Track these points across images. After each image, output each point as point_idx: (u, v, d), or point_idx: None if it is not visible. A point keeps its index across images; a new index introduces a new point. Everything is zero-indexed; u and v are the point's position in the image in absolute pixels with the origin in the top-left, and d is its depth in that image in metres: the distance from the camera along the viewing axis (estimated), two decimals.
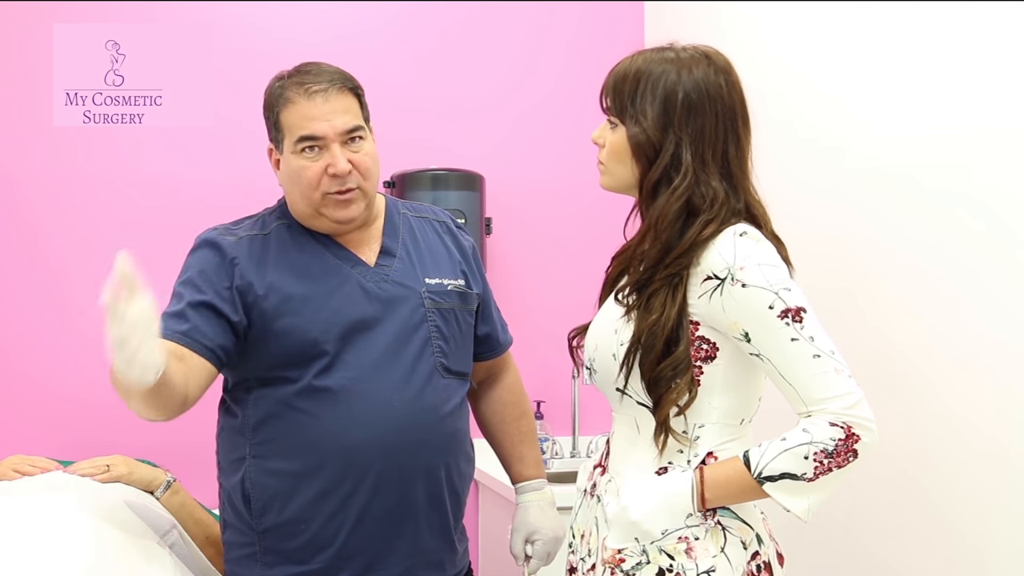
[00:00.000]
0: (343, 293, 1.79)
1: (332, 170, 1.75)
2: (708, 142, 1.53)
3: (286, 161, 1.79)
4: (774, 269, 1.47)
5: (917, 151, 2.04)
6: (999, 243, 1.83)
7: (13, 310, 2.92)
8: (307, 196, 1.78)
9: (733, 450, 1.51)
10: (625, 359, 1.52)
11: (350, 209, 1.79)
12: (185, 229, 2.25)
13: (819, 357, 1.43)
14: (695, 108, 1.52)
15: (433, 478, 1.80)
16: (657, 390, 1.49)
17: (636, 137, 1.53)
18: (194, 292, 1.75)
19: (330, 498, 1.74)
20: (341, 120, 1.76)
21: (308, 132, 1.75)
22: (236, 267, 1.78)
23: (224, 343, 1.73)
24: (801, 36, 2.46)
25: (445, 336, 1.83)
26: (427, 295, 1.83)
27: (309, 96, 1.75)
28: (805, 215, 2.34)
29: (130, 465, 2.19)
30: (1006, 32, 1.82)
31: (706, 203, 1.51)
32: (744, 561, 1.48)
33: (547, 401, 3.23)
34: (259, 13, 3.11)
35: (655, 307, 1.49)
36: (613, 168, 1.59)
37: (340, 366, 1.73)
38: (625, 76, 1.56)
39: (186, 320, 1.72)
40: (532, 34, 3.32)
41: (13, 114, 2.94)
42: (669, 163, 1.52)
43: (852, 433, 1.41)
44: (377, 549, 1.77)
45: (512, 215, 3.25)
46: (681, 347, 1.48)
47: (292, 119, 1.76)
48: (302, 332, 1.75)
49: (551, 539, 1.93)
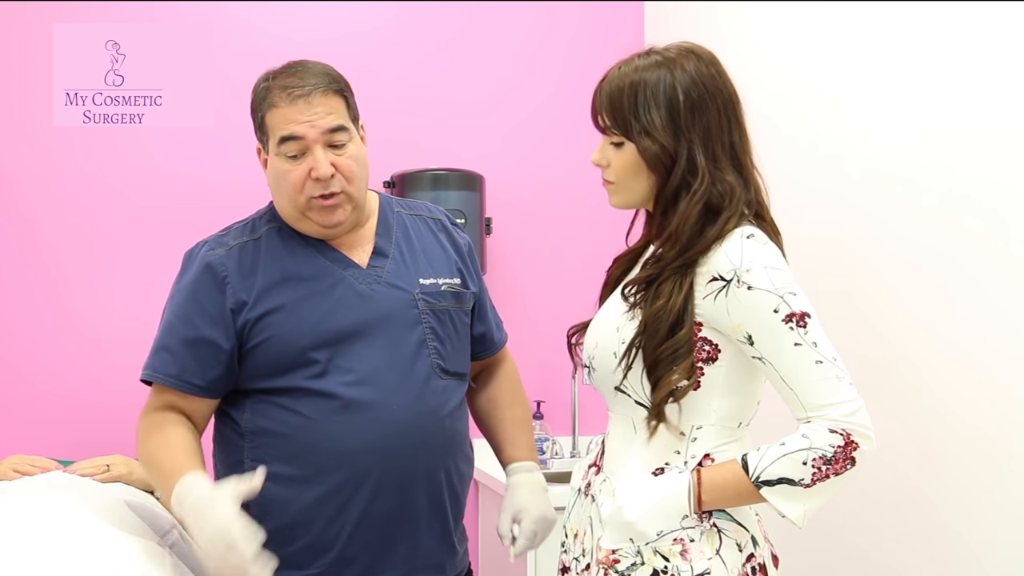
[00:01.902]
0: (335, 297, 1.77)
1: (315, 174, 1.72)
2: (715, 137, 1.53)
3: (271, 163, 1.78)
4: (780, 273, 1.47)
5: (917, 153, 2.04)
6: (998, 245, 1.83)
7: (13, 310, 2.92)
8: (292, 200, 1.77)
9: (730, 453, 1.51)
10: (628, 350, 1.51)
11: (335, 214, 1.77)
12: (184, 229, 2.26)
13: (821, 363, 1.43)
14: (698, 107, 1.52)
15: (433, 481, 1.79)
16: (656, 372, 1.49)
17: (649, 150, 1.52)
18: (186, 327, 1.76)
19: (329, 502, 1.73)
20: (324, 122, 1.73)
21: (288, 132, 1.72)
22: (228, 287, 1.76)
23: (217, 375, 1.76)
24: (800, 37, 2.46)
25: (440, 337, 1.81)
26: (421, 296, 1.81)
27: (292, 101, 1.72)
28: (804, 217, 2.34)
29: (130, 465, 2.19)
30: (1006, 33, 1.82)
31: (725, 200, 1.51)
32: (739, 563, 1.48)
33: (547, 401, 3.23)
34: (259, 13, 3.11)
35: (663, 294, 1.50)
36: (628, 185, 1.57)
37: (336, 371, 1.72)
38: (620, 91, 1.54)
39: (178, 361, 1.75)
40: (532, 34, 3.32)
41: (13, 114, 2.94)
42: (686, 168, 1.52)
43: (851, 441, 1.41)
44: (377, 553, 1.76)
45: (512, 215, 3.25)
46: (683, 330, 1.48)
47: (274, 121, 1.74)
48: (292, 341, 1.74)
49: (538, 518, 1.83)
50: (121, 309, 2.95)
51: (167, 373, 1.75)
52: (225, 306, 1.75)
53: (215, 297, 1.76)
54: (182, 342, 1.75)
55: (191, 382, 1.75)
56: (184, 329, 1.76)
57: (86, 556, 1.62)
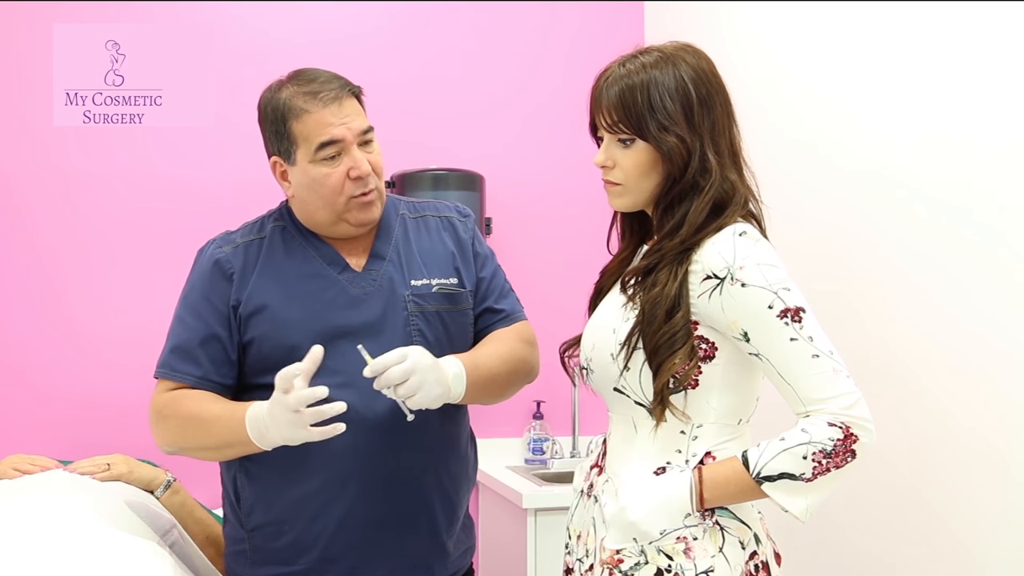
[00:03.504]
0: (326, 299, 1.79)
1: (355, 173, 1.75)
2: (720, 132, 1.54)
3: (303, 171, 1.77)
4: (774, 269, 1.47)
5: (915, 155, 2.04)
6: (995, 248, 1.83)
7: (13, 311, 2.92)
8: (331, 203, 1.77)
9: (731, 450, 1.51)
10: (629, 336, 1.51)
11: (372, 211, 1.81)
12: (184, 230, 2.26)
13: (818, 357, 1.43)
14: (706, 102, 1.54)
15: (419, 482, 1.79)
16: (657, 358, 1.49)
17: (667, 143, 1.51)
18: (201, 324, 1.79)
19: (312, 501, 1.74)
20: (357, 123, 1.77)
21: (328, 137, 1.73)
22: (233, 284, 1.80)
23: (229, 371, 1.80)
24: (800, 38, 2.46)
25: (428, 339, 1.80)
26: (411, 298, 1.82)
27: (325, 104, 1.74)
28: (801, 217, 2.35)
29: (130, 464, 2.19)
30: (1006, 36, 1.82)
31: (728, 197, 1.52)
32: (742, 561, 1.48)
33: (547, 401, 3.23)
34: (259, 14, 3.11)
35: (659, 281, 1.50)
36: (639, 185, 1.57)
37: (323, 371, 1.70)
38: (632, 88, 1.53)
39: (198, 362, 1.78)
40: (532, 35, 3.33)
41: (13, 114, 2.94)
42: (698, 166, 1.52)
43: (850, 433, 1.41)
44: (361, 553, 1.76)
45: (512, 215, 3.25)
46: (680, 314, 1.48)
47: (307, 128, 1.74)
48: (281, 339, 1.76)
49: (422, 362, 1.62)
50: (120, 310, 2.95)
51: (187, 372, 1.78)
52: (229, 303, 1.79)
53: (223, 294, 1.80)
54: (197, 340, 1.78)
55: (211, 379, 1.78)
56: (199, 326, 1.79)
57: (86, 555, 1.62)
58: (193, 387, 1.78)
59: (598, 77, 1.59)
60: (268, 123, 1.80)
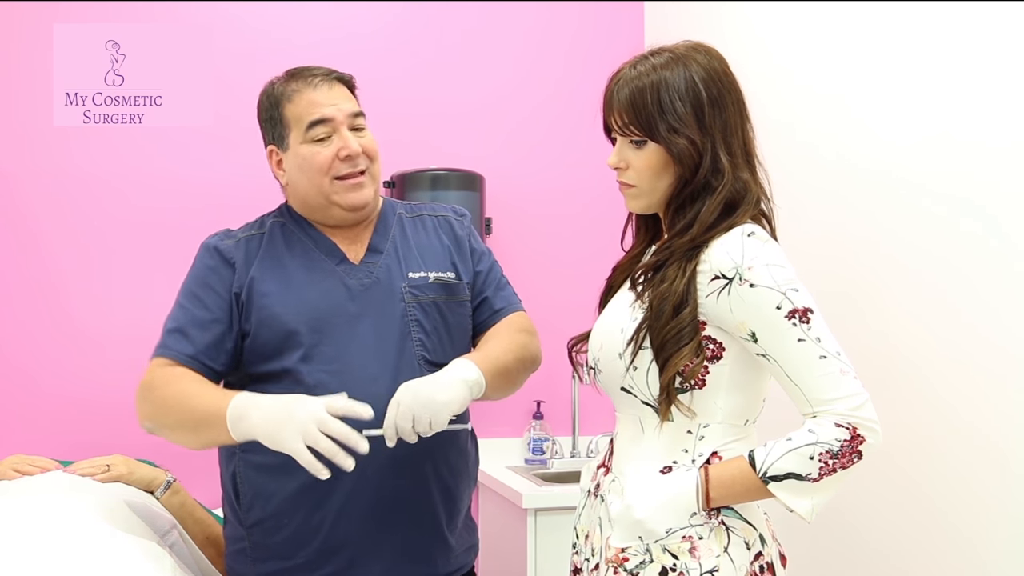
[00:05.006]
0: (323, 288, 1.81)
1: (344, 152, 1.79)
2: (732, 131, 1.54)
3: (294, 152, 1.82)
4: (782, 269, 1.47)
5: (916, 155, 2.04)
6: (999, 246, 1.84)
7: (13, 310, 2.92)
8: (318, 183, 1.81)
9: (737, 450, 1.51)
10: (637, 332, 1.51)
11: (361, 193, 1.83)
12: (184, 229, 2.26)
13: (825, 358, 1.43)
14: (718, 102, 1.53)
15: (417, 473, 1.79)
16: (664, 353, 1.49)
17: (677, 144, 1.51)
18: (200, 309, 1.80)
19: (310, 493, 1.74)
20: (347, 105, 1.82)
21: (318, 116, 1.79)
22: (235, 272, 1.83)
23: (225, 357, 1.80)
24: (801, 37, 2.46)
25: (426, 329, 1.82)
26: (408, 289, 1.83)
27: (314, 86, 1.81)
28: (804, 217, 2.35)
29: (130, 465, 2.18)
30: (1006, 36, 1.82)
31: (740, 196, 1.52)
32: (747, 561, 1.48)
33: (547, 401, 3.23)
34: (259, 14, 3.11)
35: (668, 277, 1.51)
36: (653, 186, 1.57)
37: (320, 359, 1.73)
38: (643, 90, 1.53)
39: (193, 342, 1.78)
40: (532, 35, 3.33)
41: (13, 114, 2.94)
42: (710, 167, 1.52)
43: (857, 434, 1.41)
44: (360, 544, 1.77)
45: (512, 215, 3.25)
46: (687, 309, 1.48)
47: (299, 109, 1.81)
48: (279, 325, 1.77)
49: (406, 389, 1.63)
50: (121, 309, 2.95)
51: (180, 351, 1.78)
52: (231, 289, 1.81)
53: (226, 281, 1.82)
54: (195, 323, 1.79)
55: (202, 361, 1.78)
56: (197, 309, 1.80)
57: (86, 556, 1.62)
58: (185, 365, 1.77)
59: (610, 79, 1.59)
60: (263, 112, 1.87)
